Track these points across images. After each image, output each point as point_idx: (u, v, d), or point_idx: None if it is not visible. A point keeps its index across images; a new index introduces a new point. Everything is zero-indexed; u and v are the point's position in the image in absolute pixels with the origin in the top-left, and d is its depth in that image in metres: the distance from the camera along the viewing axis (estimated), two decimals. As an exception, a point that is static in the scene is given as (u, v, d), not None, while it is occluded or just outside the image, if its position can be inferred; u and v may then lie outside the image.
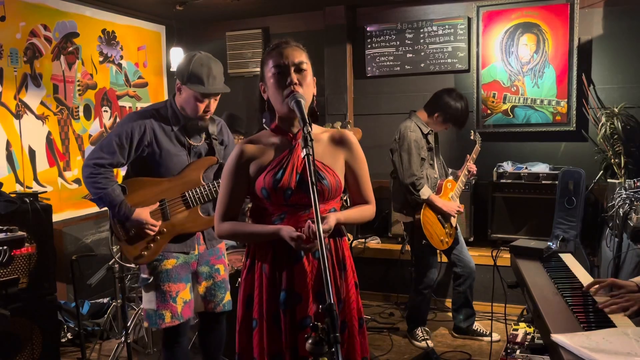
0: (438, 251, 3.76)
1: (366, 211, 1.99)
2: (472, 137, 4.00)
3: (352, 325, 1.90)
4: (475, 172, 3.85)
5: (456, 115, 3.63)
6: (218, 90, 2.53)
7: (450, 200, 3.70)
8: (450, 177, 3.80)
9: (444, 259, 4.00)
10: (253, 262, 1.92)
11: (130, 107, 4.97)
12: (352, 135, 1.97)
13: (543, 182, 4.30)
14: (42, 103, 4.09)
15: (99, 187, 2.49)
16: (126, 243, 2.57)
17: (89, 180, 2.51)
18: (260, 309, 1.86)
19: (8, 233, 2.99)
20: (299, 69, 1.81)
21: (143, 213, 2.53)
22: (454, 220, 3.73)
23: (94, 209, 4.51)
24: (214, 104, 2.57)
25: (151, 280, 2.58)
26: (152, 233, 2.55)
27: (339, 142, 1.95)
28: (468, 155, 3.86)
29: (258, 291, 1.88)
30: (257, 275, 1.89)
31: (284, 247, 1.82)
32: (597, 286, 2.02)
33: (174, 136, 2.59)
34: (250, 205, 2.05)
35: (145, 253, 2.56)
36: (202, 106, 2.52)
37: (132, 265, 3.33)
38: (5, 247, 2.95)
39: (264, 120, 1.92)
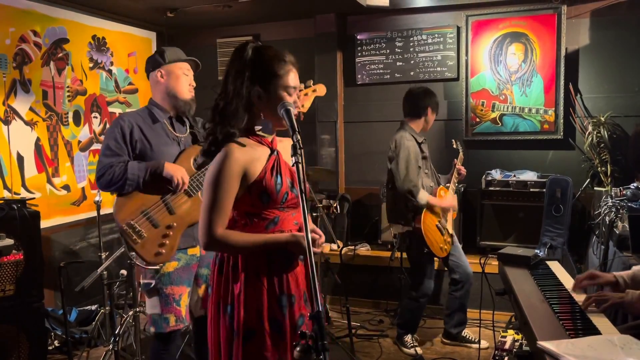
0: (435, 259, 3.78)
1: None
2: (454, 147, 4.02)
3: None
4: (464, 173, 3.88)
5: (435, 98, 3.77)
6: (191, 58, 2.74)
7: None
8: (442, 185, 3.83)
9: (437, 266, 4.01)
10: (247, 274, 1.86)
11: (120, 114, 4.95)
12: None
13: (531, 189, 4.33)
14: (31, 109, 4.07)
15: (118, 178, 2.49)
16: (141, 245, 2.51)
17: (108, 183, 2.51)
18: (260, 318, 1.85)
19: (-5, 240, 2.98)
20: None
21: (172, 164, 2.55)
22: (450, 227, 3.76)
23: (83, 215, 4.49)
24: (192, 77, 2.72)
25: (153, 284, 2.56)
26: (187, 179, 2.55)
27: None
28: (455, 160, 3.89)
29: (258, 302, 1.85)
30: (256, 286, 1.86)
31: (277, 251, 1.85)
32: (575, 282, 2.18)
33: (162, 130, 2.63)
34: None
35: (163, 250, 2.53)
36: (189, 79, 2.67)
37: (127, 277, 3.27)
38: (-8, 254, 2.94)
39: (260, 128, 1.92)
